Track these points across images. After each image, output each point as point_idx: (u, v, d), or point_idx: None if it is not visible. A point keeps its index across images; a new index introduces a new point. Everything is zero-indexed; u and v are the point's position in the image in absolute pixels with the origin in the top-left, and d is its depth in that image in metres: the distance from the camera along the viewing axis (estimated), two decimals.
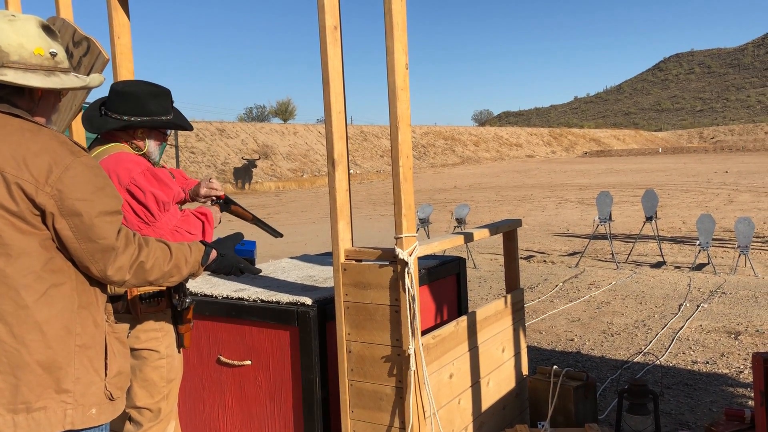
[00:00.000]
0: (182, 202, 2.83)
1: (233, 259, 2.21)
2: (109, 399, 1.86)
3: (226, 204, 2.99)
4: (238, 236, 2.28)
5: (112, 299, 2.10)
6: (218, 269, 2.18)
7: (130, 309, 2.50)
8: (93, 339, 1.83)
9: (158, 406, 2.58)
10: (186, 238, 2.52)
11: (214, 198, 2.95)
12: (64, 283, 1.77)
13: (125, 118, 2.55)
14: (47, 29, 1.81)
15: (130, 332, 2.54)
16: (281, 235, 3.35)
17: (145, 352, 2.55)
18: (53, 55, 1.80)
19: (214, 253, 2.14)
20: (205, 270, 2.13)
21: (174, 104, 2.71)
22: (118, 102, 2.57)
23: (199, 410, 3.17)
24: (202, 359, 3.13)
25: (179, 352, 2.67)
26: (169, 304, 2.58)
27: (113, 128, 2.57)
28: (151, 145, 2.65)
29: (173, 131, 2.90)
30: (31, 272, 1.72)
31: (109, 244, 1.77)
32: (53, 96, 1.86)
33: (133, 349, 2.55)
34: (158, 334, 2.56)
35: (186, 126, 2.72)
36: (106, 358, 1.86)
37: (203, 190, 2.94)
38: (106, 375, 1.85)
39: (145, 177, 2.47)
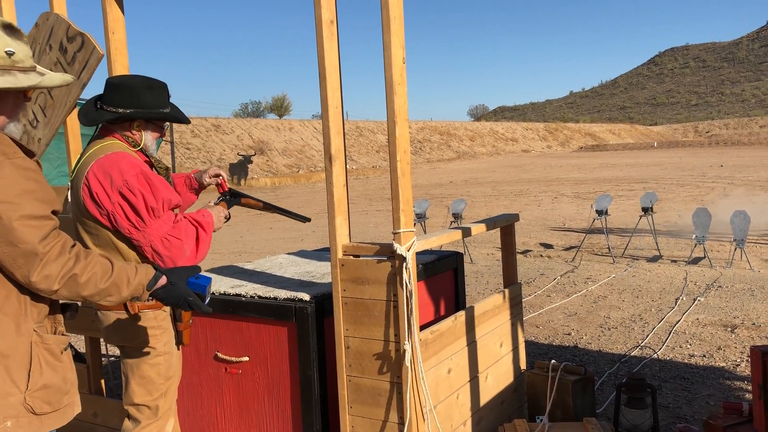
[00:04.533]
0: (178, 207, 2.75)
1: (183, 290, 2.10)
2: (31, 412, 1.78)
3: (234, 198, 2.91)
4: (195, 269, 2.20)
5: (62, 308, 1.99)
6: (165, 297, 2.10)
7: (127, 307, 2.49)
8: (13, 348, 1.76)
9: (156, 404, 2.57)
10: (176, 245, 2.47)
11: (220, 194, 2.90)
12: None
13: (120, 110, 2.52)
14: (8, 28, 1.77)
15: (129, 331, 2.52)
16: (308, 219, 3.28)
17: (143, 348, 2.54)
18: (9, 54, 1.75)
19: (163, 280, 2.06)
20: (151, 296, 2.06)
21: (170, 98, 2.68)
22: (113, 95, 2.53)
23: (197, 407, 3.16)
24: (199, 356, 3.12)
25: (178, 349, 2.66)
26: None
27: (108, 120, 2.53)
28: (147, 139, 2.60)
29: (170, 126, 2.84)
30: None
31: (30, 249, 1.71)
32: (12, 95, 1.81)
33: (130, 347, 2.54)
34: (156, 332, 2.55)
35: (182, 119, 2.68)
36: (30, 370, 1.79)
37: (207, 179, 2.91)
38: (27, 387, 1.78)
39: (138, 180, 2.42)
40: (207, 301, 2.20)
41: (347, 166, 2.80)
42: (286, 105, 60.86)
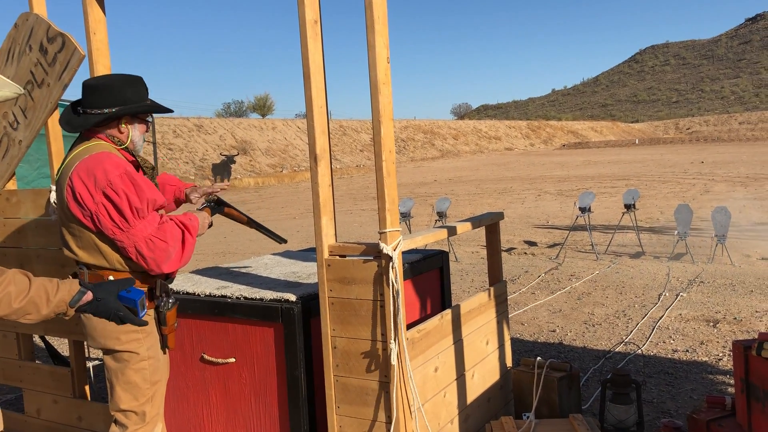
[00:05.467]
0: (162, 207, 2.72)
1: (112, 304, 2.09)
2: None
3: (218, 206, 2.91)
4: (128, 282, 2.19)
5: None
6: (95, 313, 2.09)
7: None
8: None
9: (143, 409, 2.54)
10: (161, 247, 2.45)
11: (206, 200, 2.89)
12: None
13: (106, 110, 2.49)
14: None
15: (112, 335, 2.50)
16: (284, 241, 3.28)
17: (126, 354, 2.51)
18: None
19: (89, 295, 2.05)
20: (77, 311, 2.05)
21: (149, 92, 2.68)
22: (94, 97, 2.51)
23: (183, 409, 3.14)
24: (185, 358, 3.10)
25: (165, 353, 2.63)
26: (152, 305, 2.55)
27: (95, 123, 2.50)
28: (135, 135, 2.59)
29: (152, 127, 2.82)
30: None
31: None
32: None
33: (114, 351, 2.52)
34: (139, 336, 2.51)
35: (165, 109, 2.68)
36: None
37: (194, 197, 2.91)
38: None
39: (122, 180, 2.39)
40: (142, 314, 2.17)
41: (332, 166, 2.80)
42: (269, 104, 60.53)
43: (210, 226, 2.80)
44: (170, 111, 2.71)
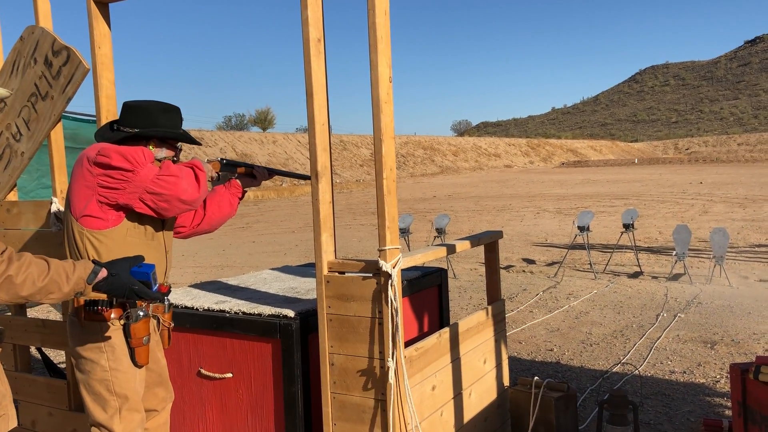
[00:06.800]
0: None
1: (127, 280, 2.15)
2: None
3: (229, 165, 2.97)
4: (137, 258, 2.23)
5: None
6: (110, 290, 2.14)
7: (78, 314, 2.48)
8: None
9: (110, 425, 2.52)
10: (171, 182, 2.49)
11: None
12: None
13: (136, 130, 2.62)
14: None
15: (77, 341, 2.53)
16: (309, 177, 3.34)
17: (88, 363, 2.53)
18: None
19: (104, 272, 2.10)
20: (94, 289, 2.09)
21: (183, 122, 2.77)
22: (130, 116, 2.64)
23: (179, 423, 3.13)
24: (182, 372, 3.10)
25: (139, 367, 2.58)
26: (119, 311, 2.51)
27: (122, 138, 2.61)
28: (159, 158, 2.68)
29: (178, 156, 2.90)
30: None
31: None
32: None
33: (78, 358, 2.55)
34: (100, 345, 2.51)
35: (194, 141, 2.79)
36: None
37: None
38: None
39: (110, 147, 2.50)
40: (155, 288, 2.23)
41: (332, 181, 2.82)
42: (269, 118, 60.75)
43: (238, 191, 2.97)
44: (197, 143, 2.81)
